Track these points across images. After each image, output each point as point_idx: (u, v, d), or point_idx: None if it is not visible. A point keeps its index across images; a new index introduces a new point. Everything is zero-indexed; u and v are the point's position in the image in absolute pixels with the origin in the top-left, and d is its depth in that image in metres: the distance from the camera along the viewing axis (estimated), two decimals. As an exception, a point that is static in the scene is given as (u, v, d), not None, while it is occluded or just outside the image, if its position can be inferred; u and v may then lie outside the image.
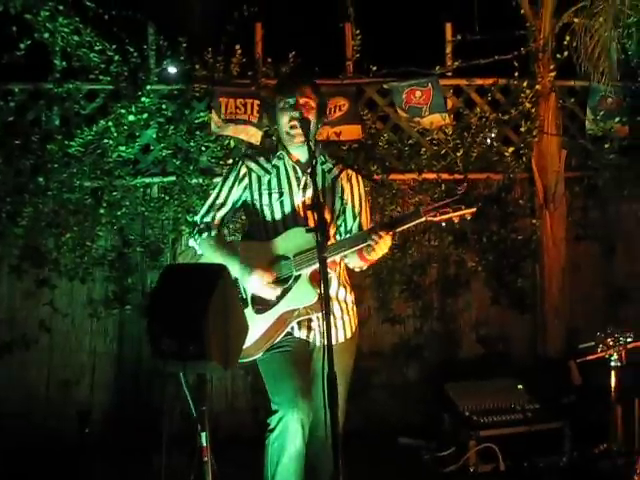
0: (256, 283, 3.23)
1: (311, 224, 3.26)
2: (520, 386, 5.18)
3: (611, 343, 4.12)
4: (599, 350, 4.16)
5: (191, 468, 2.74)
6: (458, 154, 5.73)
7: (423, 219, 3.18)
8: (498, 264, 5.86)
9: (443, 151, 5.78)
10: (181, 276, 2.76)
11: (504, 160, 5.78)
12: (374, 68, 5.78)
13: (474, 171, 5.80)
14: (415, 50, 5.83)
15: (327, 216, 3.36)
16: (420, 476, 4.82)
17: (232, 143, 5.61)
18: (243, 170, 3.43)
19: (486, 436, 4.69)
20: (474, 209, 3.20)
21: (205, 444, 2.73)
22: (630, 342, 4.09)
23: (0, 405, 5.31)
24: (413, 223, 3.22)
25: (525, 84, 5.75)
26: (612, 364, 4.13)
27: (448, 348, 5.90)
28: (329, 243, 3.26)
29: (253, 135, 5.52)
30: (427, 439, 5.13)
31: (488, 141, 5.77)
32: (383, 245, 3.17)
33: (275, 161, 3.42)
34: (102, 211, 5.38)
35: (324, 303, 2.70)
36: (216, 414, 5.55)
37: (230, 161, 5.48)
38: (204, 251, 3.41)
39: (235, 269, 3.24)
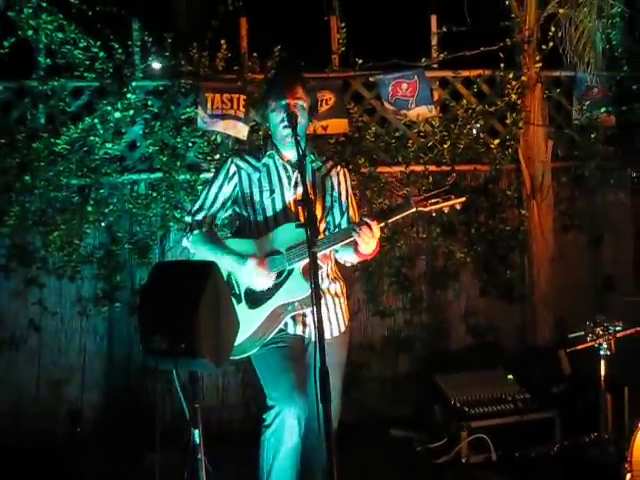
0: (250, 273, 3.23)
1: (302, 220, 3.30)
2: (510, 376, 5.22)
3: (600, 332, 4.16)
4: (588, 339, 4.19)
5: (184, 466, 2.73)
6: (445, 146, 5.73)
7: (414, 209, 3.19)
8: (487, 255, 5.87)
9: (430, 143, 5.78)
10: (171, 273, 2.77)
11: (491, 151, 5.78)
12: (360, 61, 5.76)
13: (461, 163, 5.81)
14: (401, 42, 5.81)
15: (318, 213, 3.37)
16: (413, 467, 4.82)
17: (219, 138, 5.59)
18: (232, 168, 3.44)
19: (477, 427, 4.72)
20: (464, 198, 3.22)
21: (198, 441, 2.73)
22: (619, 331, 4.12)
23: (-11, 405, 5.30)
24: (404, 214, 3.22)
25: (511, 75, 5.75)
26: (602, 353, 4.16)
27: (438, 340, 5.92)
28: (319, 238, 3.26)
29: (240, 130, 5.49)
30: (419, 431, 5.15)
31: (474, 132, 5.77)
32: (373, 237, 3.16)
33: (265, 160, 3.43)
34: (89, 209, 5.35)
35: (314, 297, 2.69)
36: (208, 410, 5.57)
37: (217, 156, 5.48)
38: (197, 249, 3.41)
39: (228, 262, 3.26)
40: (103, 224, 5.48)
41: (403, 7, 6.12)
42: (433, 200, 3.19)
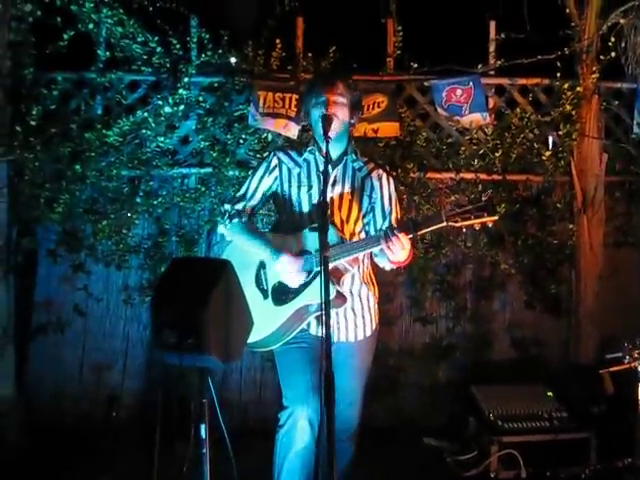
0: (283, 268, 3.25)
1: (336, 220, 3.31)
2: (550, 393, 5.09)
3: (637, 354, 4.04)
4: (625, 361, 4.07)
5: (185, 460, 2.78)
6: (497, 154, 5.64)
7: (444, 224, 3.14)
8: (534, 267, 5.76)
9: (482, 151, 5.70)
10: (186, 269, 2.81)
11: (544, 162, 5.67)
12: (415, 65, 5.72)
13: (513, 172, 5.71)
14: (457, 48, 5.73)
15: (354, 213, 3.39)
16: (440, 478, 4.79)
17: (270, 137, 5.63)
18: (274, 161, 3.49)
19: (509, 442, 4.62)
20: (496, 217, 3.14)
21: (204, 436, 2.77)
22: (658, 354, 4.00)
23: (34, 385, 5.45)
24: (434, 227, 3.17)
25: (567, 85, 5.62)
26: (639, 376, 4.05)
27: (480, 350, 5.83)
28: (353, 240, 3.31)
29: (290, 129, 5.52)
30: (451, 441, 5.09)
31: (529, 142, 5.68)
32: (400, 248, 3.13)
33: (306, 155, 3.47)
34: (138, 200, 5.45)
35: (324, 301, 2.68)
36: (245, 404, 5.63)
37: (267, 154, 5.52)
38: (234, 237, 3.46)
39: (263, 253, 3.31)
40: (152, 215, 5.58)
41: (461, 12, 6.04)
42: (465, 215, 3.13)
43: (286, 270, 3.25)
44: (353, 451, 3.56)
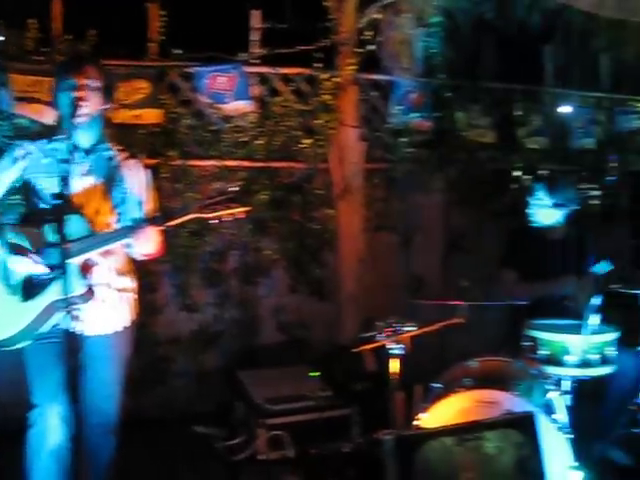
0: (24, 263, 3.10)
1: (88, 212, 3.19)
2: (315, 373, 5.26)
3: (390, 332, 4.25)
4: (377, 339, 4.27)
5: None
6: (260, 142, 5.72)
7: (194, 216, 3.15)
8: (297, 252, 5.92)
9: (245, 138, 5.74)
10: None
11: (305, 150, 5.82)
12: (178, 52, 5.63)
13: (276, 159, 5.82)
14: (221, 36, 5.74)
15: (107, 204, 3.28)
16: (210, 465, 4.77)
17: (24, 122, 5.32)
18: (19, 152, 3.27)
19: (276, 424, 4.72)
20: (247, 208, 3.19)
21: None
22: (407, 331, 4.22)
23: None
24: (184, 219, 3.17)
25: (326, 76, 5.80)
26: (392, 352, 4.26)
27: (247, 336, 5.90)
28: (104, 232, 3.19)
29: (46, 115, 5.24)
30: (220, 427, 5.12)
31: (291, 130, 5.81)
32: (148, 240, 3.12)
33: (56, 144, 3.27)
34: None
35: (69, 295, 2.60)
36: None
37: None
38: None
39: (3, 248, 3.13)
40: None
41: (225, 0, 6.05)
42: (215, 207, 3.16)
43: (24, 265, 3.11)
44: (114, 445, 3.47)
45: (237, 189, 3.22)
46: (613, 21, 6.42)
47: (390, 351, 4.23)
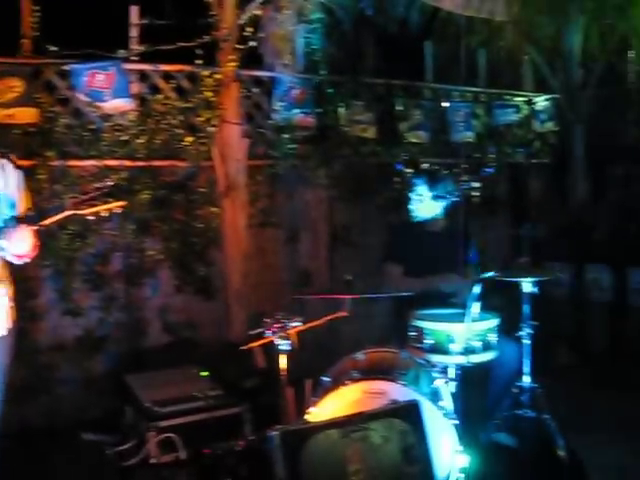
0: None
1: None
2: (204, 373, 5.22)
3: (277, 328, 4.26)
4: (265, 336, 4.28)
5: None
6: (141, 140, 5.61)
7: (69, 213, 3.10)
8: (182, 252, 5.85)
9: (126, 137, 5.62)
10: None
11: (187, 148, 5.75)
12: (54, 48, 5.44)
13: (158, 158, 5.72)
14: (99, 32, 5.59)
15: None
16: (101, 472, 4.67)
17: None
18: None
19: (166, 426, 4.65)
20: (123, 203, 3.16)
21: None
22: (295, 326, 4.24)
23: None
24: (58, 217, 3.13)
25: (207, 72, 5.75)
26: (280, 348, 4.27)
27: (133, 338, 5.79)
28: None
29: None
30: (112, 434, 5.00)
31: (173, 128, 5.72)
32: (20, 240, 3.05)
33: None
34: None
35: None
36: None
37: None
38: None
39: None
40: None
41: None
42: (91, 203, 3.11)
43: None
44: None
45: (112, 184, 3.18)
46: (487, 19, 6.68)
47: (278, 347, 4.26)
